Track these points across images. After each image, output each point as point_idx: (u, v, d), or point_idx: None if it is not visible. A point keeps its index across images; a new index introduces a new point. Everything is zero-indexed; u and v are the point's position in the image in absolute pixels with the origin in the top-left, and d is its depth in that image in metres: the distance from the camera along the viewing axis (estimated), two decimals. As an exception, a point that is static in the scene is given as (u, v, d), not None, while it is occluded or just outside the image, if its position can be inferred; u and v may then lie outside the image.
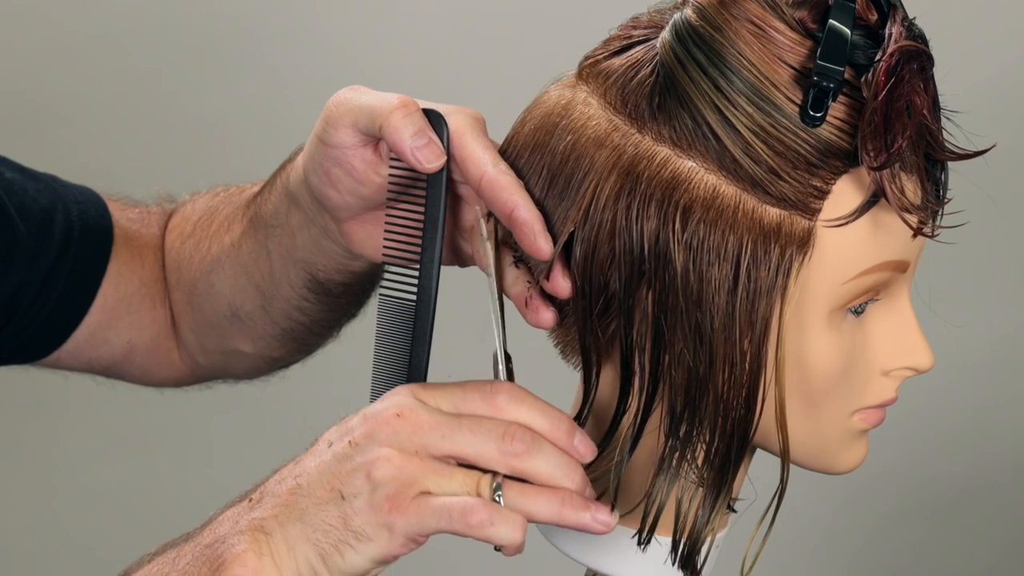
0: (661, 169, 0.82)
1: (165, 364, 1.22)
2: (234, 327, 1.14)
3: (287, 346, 1.15)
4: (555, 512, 0.81)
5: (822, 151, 0.81)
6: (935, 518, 2.19)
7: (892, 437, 1.23)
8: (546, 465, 0.81)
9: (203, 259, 1.15)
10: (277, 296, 1.09)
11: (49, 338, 1.17)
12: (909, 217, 0.83)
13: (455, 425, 0.81)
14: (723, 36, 0.82)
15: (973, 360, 2.07)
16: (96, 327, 1.18)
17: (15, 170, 1.16)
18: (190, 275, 1.16)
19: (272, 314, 1.11)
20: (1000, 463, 2.17)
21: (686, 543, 0.87)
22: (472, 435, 0.81)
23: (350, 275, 1.05)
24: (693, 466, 0.86)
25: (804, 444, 0.87)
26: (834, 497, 2.14)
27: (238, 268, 1.11)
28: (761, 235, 0.81)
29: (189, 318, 1.18)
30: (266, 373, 1.22)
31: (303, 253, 1.04)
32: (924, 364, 0.88)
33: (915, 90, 0.81)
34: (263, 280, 1.10)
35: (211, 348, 1.18)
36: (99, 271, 1.17)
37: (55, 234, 1.15)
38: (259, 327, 1.13)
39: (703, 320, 0.82)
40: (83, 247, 1.16)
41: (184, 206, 1.21)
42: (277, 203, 1.05)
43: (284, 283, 1.08)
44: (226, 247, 1.13)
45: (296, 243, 1.04)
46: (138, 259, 1.19)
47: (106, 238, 1.18)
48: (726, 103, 0.81)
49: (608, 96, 0.85)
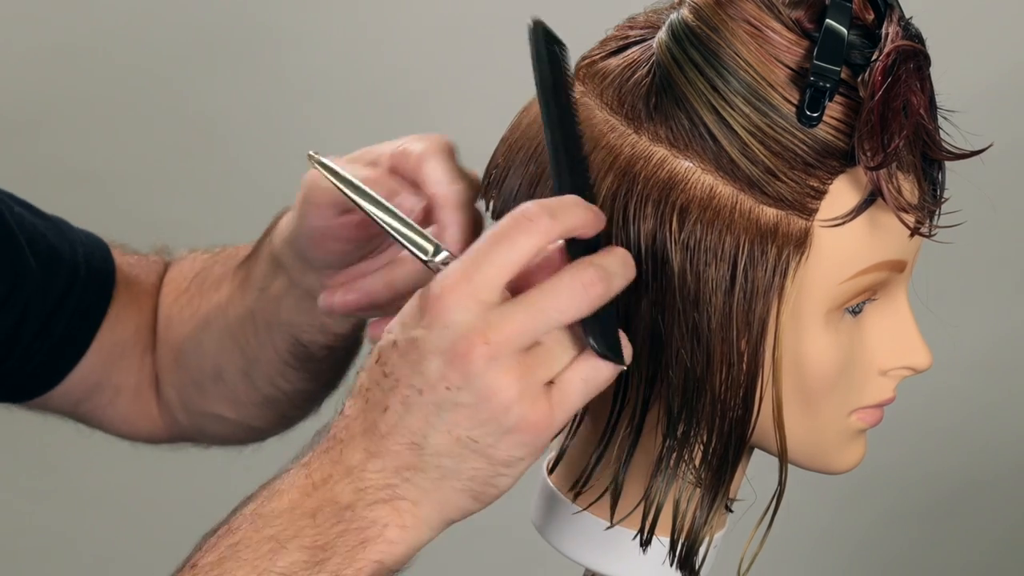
0: (658, 169, 0.82)
1: (144, 415, 1.20)
2: (217, 389, 1.13)
3: (267, 416, 1.14)
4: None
5: (819, 151, 0.82)
6: (933, 518, 2.19)
7: (890, 437, 1.22)
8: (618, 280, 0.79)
9: (193, 316, 1.14)
10: (261, 360, 1.09)
11: (45, 378, 1.16)
12: (906, 217, 0.83)
13: (533, 310, 0.77)
14: (719, 36, 0.82)
15: (971, 359, 2.07)
16: (90, 370, 1.17)
17: (23, 206, 1.15)
18: (180, 331, 1.15)
19: (254, 379, 1.10)
20: (998, 463, 2.17)
21: (684, 543, 0.87)
22: (557, 308, 0.77)
23: (333, 336, 1.05)
24: (691, 466, 0.86)
25: (802, 444, 0.87)
26: (832, 497, 2.14)
27: (225, 329, 1.10)
28: (758, 235, 0.82)
29: (173, 375, 1.17)
30: (243, 442, 1.20)
31: (288, 315, 1.04)
32: (922, 363, 0.88)
33: (912, 90, 0.81)
34: (247, 343, 1.09)
35: (192, 408, 1.16)
36: (100, 313, 1.16)
37: (62, 272, 1.14)
38: (241, 392, 1.12)
39: (700, 320, 0.82)
40: (87, 288, 1.15)
41: (181, 261, 1.20)
42: (263, 267, 1.06)
43: (268, 347, 1.08)
44: (215, 307, 1.12)
45: (281, 306, 1.04)
46: (135, 304, 1.18)
47: (109, 281, 1.17)
48: (723, 103, 0.81)
49: (605, 96, 0.85)
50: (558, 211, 0.78)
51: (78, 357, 1.16)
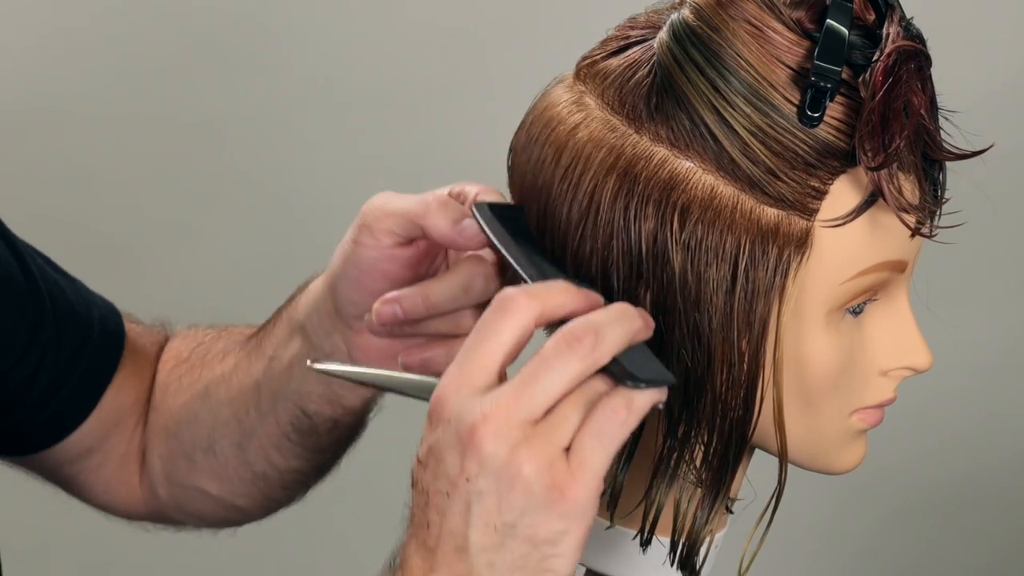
0: (659, 169, 0.82)
1: (125, 484, 1.18)
2: (207, 462, 1.12)
3: (253, 495, 1.12)
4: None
5: (820, 151, 0.82)
6: (934, 518, 2.19)
7: (890, 437, 1.22)
8: (613, 330, 0.78)
9: (192, 385, 1.13)
10: (258, 433, 1.08)
11: (47, 435, 1.14)
12: (907, 217, 0.83)
13: (527, 380, 0.77)
14: (720, 36, 0.82)
15: (971, 360, 2.07)
16: (88, 432, 1.15)
17: (44, 260, 1.15)
18: (176, 401, 1.14)
19: (248, 453, 1.09)
20: (999, 463, 2.17)
21: (685, 543, 0.87)
22: (548, 373, 0.77)
23: (341, 409, 1.04)
24: (691, 466, 0.86)
25: (802, 444, 0.87)
26: (833, 497, 2.14)
27: (225, 399, 1.09)
28: (759, 235, 0.82)
29: (163, 444, 1.15)
30: (222, 525, 1.18)
31: (298, 384, 1.03)
32: (922, 364, 0.88)
33: (913, 90, 0.81)
34: (247, 414, 1.08)
35: (176, 480, 1.15)
36: (108, 377, 1.15)
37: (77, 330, 1.13)
38: (232, 467, 1.10)
39: (701, 320, 0.82)
40: (99, 350, 1.14)
41: (184, 334, 1.19)
42: (279, 334, 1.05)
43: (269, 418, 1.07)
44: (217, 377, 1.11)
45: (292, 373, 1.04)
46: (138, 373, 1.17)
47: (119, 346, 1.16)
48: (724, 103, 0.82)
49: (606, 96, 0.85)
50: (537, 292, 0.79)
51: (82, 418, 1.14)
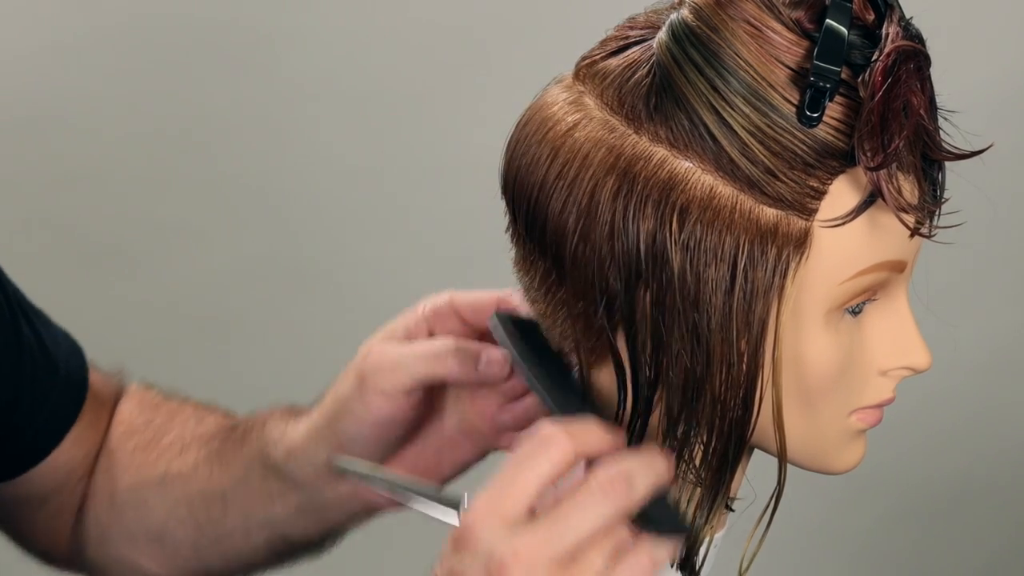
0: (658, 170, 0.82)
1: (53, 533, 1.10)
2: (152, 549, 1.06)
3: None
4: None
5: (819, 151, 0.82)
6: (933, 518, 2.19)
7: (890, 437, 1.22)
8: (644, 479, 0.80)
9: (143, 467, 1.06)
10: (221, 543, 1.04)
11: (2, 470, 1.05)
12: (906, 217, 0.83)
13: (559, 519, 0.78)
14: (719, 37, 0.82)
15: (971, 360, 2.07)
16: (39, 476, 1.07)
17: (12, 287, 1.06)
18: (124, 477, 1.07)
19: (201, 552, 1.04)
20: (998, 463, 2.17)
21: (684, 543, 0.87)
22: (580, 515, 0.78)
23: (330, 527, 1.02)
24: (691, 466, 0.86)
25: (801, 444, 0.87)
26: (832, 497, 2.14)
27: (181, 499, 1.04)
28: (758, 235, 0.82)
29: (104, 512, 1.08)
30: None
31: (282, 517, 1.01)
32: (922, 364, 0.88)
33: (912, 90, 0.81)
34: (210, 522, 1.04)
35: (108, 550, 1.08)
36: (69, 423, 1.07)
37: (47, 367, 1.05)
38: (181, 557, 1.05)
39: (700, 321, 0.82)
40: (63, 394, 1.07)
41: (137, 393, 1.12)
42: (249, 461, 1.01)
43: (238, 535, 1.03)
44: (173, 473, 1.05)
45: (274, 509, 1.01)
46: (95, 426, 1.09)
47: (82, 391, 1.08)
48: (723, 103, 0.81)
49: (605, 96, 0.85)
50: (576, 433, 0.80)
51: (39, 459, 1.07)
